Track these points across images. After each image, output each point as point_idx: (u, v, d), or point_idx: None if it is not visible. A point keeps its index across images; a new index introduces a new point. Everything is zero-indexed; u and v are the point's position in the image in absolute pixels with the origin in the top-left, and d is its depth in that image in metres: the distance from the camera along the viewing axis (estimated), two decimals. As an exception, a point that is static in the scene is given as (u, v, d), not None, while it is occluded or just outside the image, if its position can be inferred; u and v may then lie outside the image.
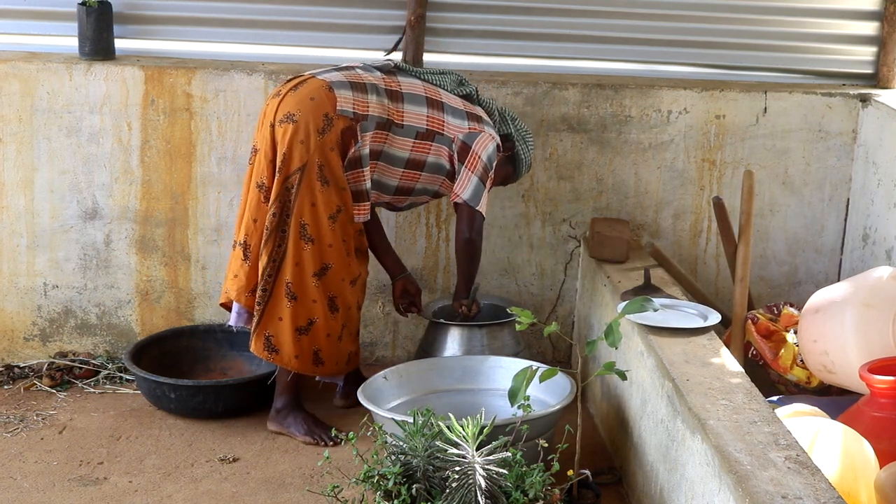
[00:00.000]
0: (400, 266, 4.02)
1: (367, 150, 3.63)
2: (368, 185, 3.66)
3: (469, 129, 3.72)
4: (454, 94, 3.80)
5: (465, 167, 3.70)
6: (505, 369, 3.61)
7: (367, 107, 3.60)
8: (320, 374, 3.75)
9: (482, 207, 3.72)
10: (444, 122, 3.71)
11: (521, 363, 3.49)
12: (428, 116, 3.70)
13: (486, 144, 3.71)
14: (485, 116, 3.80)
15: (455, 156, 3.72)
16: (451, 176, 3.78)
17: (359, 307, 3.79)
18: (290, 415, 3.75)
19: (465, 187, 3.69)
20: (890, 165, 4.12)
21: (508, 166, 3.88)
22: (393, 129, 3.65)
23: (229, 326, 3.85)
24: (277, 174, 3.57)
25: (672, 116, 4.31)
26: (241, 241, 3.69)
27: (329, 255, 3.62)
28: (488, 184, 3.73)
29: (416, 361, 3.77)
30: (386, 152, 3.68)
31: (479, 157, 3.69)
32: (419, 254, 4.34)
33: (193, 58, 4.29)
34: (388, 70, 3.77)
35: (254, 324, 3.66)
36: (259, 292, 3.63)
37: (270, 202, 3.59)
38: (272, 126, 3.58)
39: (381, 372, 3.58)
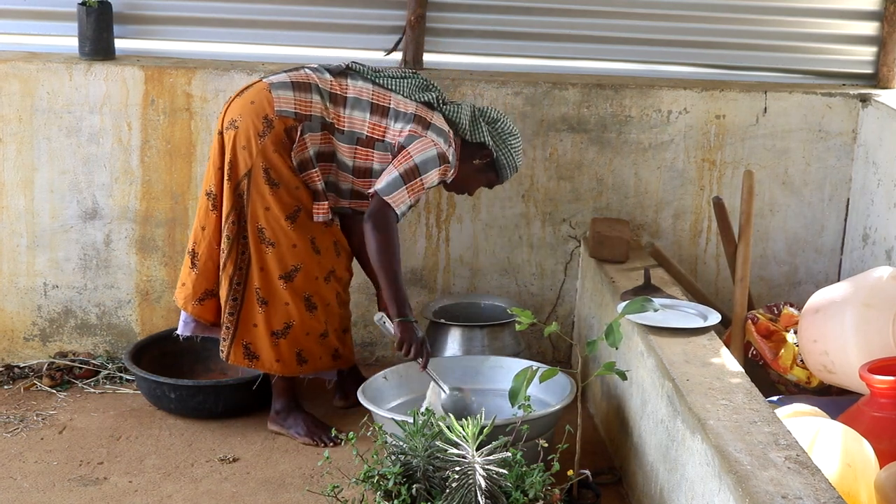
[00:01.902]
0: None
1: (314, 151, 3.55)
2: (322, 185, 3.58)
3: (410, 131, 3.53)
4: (412, 99, 3.60)
5: (393, 163, 3.51)
6: (505, 369, 3.62)
7: (310, 106, 3.53)
8: (304, 372, 3.72)
9: (394, 202, 3.44)
10: (386, 128, 3.56)
11: (522, 363, 3.49)
12: (370, 123, 3.56)
13: (424, 149, 3.50)
14: (437, 123, 3.57)
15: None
16: None
17: (341, 303, 3.74)
18: (289, 416, 3.75)
19: (382, 179, 3.48)
20: (890, 165, 4.12)
21: (490, 172, 3.71)
22: (335, 133, 3.57)
23: (176, 335, 3.85)
24: (227, 181, 3.55)
25: (672, 116, 4.31)
26: (190, 249, 3.72)
27: (295, 255, 3.57)
28: (413, 186, 3.47)
29: (440, 360, 3.75)
30: (336, 156, 3.60)
31: (411, 157, 3.48)
32: (419, 254, 4.34)
33: (193, 58, 4.29)
34: (340, 72, 3.63)
35: (229, 334, 3.64)
36: (230, 302, 3.61)
37: (226, 210, 3.56)
38: (220, 133, 3.58)
39: (381, 372, 3.58)
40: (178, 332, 3.83)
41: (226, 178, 3.56)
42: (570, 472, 3.00)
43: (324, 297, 3.67)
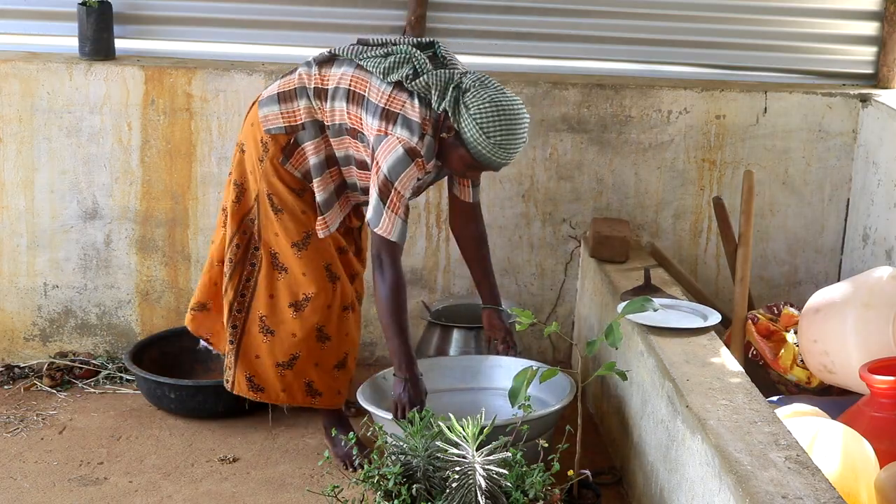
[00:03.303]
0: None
1: (321, 157, 3.38)
2: (326, 195, 3.40)
3: (377, 131, 3.21)
4: (387, 82, 3.23)
5: (372, 180, 3.22)
6: (504, 369, 3.61)
7: (297, 114, 3.35)
8: (320, 405, 3.56)
9: (385, 231, 3.18)
10: (361, 119, 3.27)
11: (521, 363, 3.49)
12: (349, 113, 3.29)
13: (390, 151, 3.16)
14: (406, 112, 3.20)
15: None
16: None
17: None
18: (330, 433, 3.58)
19: (369, 205, 3.23)
20: (890, 165, 4.12)
21: (460, 148, 3.17)
22: (328, 129, 3.36)
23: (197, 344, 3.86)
24: (235, 202, 3.48)
25: (672, 116, 4.31)
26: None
27: (305, 285, 3.44)
28: (391, 202, 3.17)
29: (439, 360, 3.74)
30: (335, 155, 3.40)
31: (380, 168, 3.17)
32: (419, 254, 4.34)
33: (193, 58, 4.29)
34: (325, 60, 3.37)
35: (232, 364, 3.54)
36: (230, 329, 3.52)
37: (230, 233, 3.48)
38: (239, 147, 3.51)
39: (381, 372, 3.57)
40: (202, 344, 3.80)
41: (234, 198, 3.49)
42: (570, 472, 3.00)
43: (341, 327, 3.52)
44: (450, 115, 3.16)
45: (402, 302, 3.24)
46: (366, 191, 3.40)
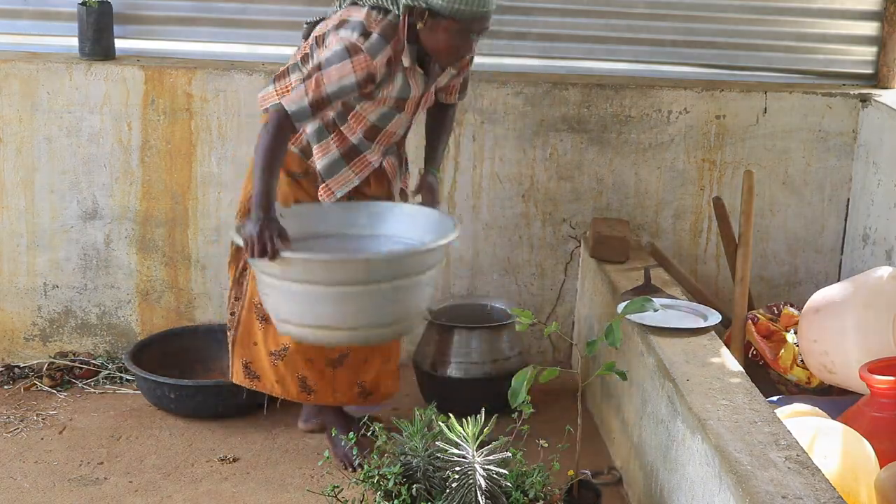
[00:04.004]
0: (429, 159, 3.54)
1: (312, 128, 3.34)
2: (322, 164, 3.36)
3: (324, 45, 3.23)
4: (340, 6, 3.30)
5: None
6: (411, 218, 3.46)
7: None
8: (314, 402, 3.56)
9: (287, 100, 3.16)
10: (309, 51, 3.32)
11: (428, 212, 3.44)
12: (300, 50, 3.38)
13: (326, 48, 3.18)
14: (353, 18, 3.19)
15: None
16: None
17: None
18: (333, 432, 3.56)
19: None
20: (890, 165, 4.11)
21: (439, 23, 3.16)
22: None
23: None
24: (243, 191, 3.54)
25: (672, 116, 4.31)
26: None
27: None
28: (311, 81, 3.13)
29: (321, 204, 3.47)
30: (332, 117, 3.35)
31: (316, 60, 3.18)
32: (419, 254, 4.34)
33: (193, 58, 4.29)
34: (305, 36, 3.40)
35: (229, 353, 3.57)
36: (228, 317, 3.56)
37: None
38: None
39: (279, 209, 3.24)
40: None
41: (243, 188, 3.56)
42: (570, 472, 3.00)
43: None
44: (412, 3, 3.13)
45: (268, 149, 3.13)
46: (372, 140, 3.39)
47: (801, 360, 3.75)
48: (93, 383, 4.15)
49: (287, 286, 3.11)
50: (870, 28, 4.48)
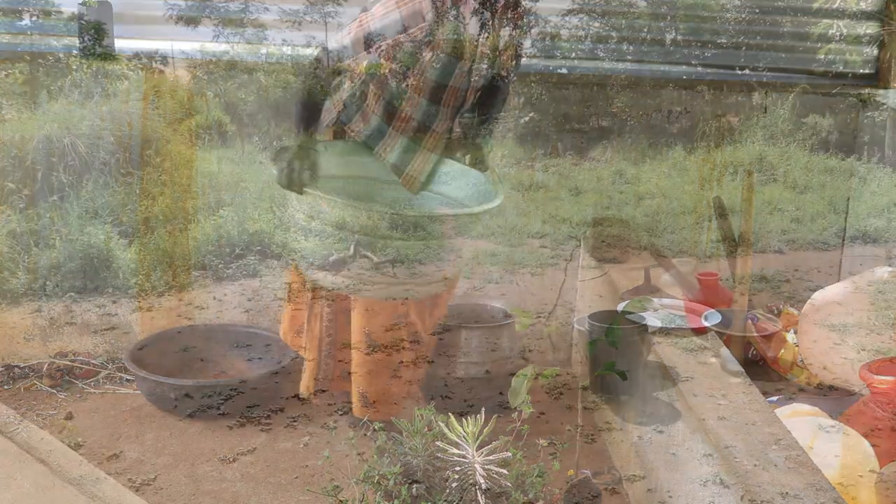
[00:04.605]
0: None
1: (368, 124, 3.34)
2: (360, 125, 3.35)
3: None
4: None
5: None
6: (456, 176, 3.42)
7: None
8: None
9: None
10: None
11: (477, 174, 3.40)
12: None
13: (346, 34, 3.13)
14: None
15: None
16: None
17: None
18: None
19: None
20: (890, 165, 4.11)
21: None
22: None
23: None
24: None
25: (672, 116, 4.31)
26: None
27: None
28: (353, 23, 3.08)
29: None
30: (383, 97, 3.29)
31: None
32: (419, 254, 4.35)
33: (192, 58, 4.29)
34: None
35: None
36: None
37: None
38: None
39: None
40: None
41: None
42: (570, 472, 3.00)
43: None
44: None
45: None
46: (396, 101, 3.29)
47: (801, 360, 3.75)
48: (93, 383, 4.15)
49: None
50: (870, 28, 4.48)
